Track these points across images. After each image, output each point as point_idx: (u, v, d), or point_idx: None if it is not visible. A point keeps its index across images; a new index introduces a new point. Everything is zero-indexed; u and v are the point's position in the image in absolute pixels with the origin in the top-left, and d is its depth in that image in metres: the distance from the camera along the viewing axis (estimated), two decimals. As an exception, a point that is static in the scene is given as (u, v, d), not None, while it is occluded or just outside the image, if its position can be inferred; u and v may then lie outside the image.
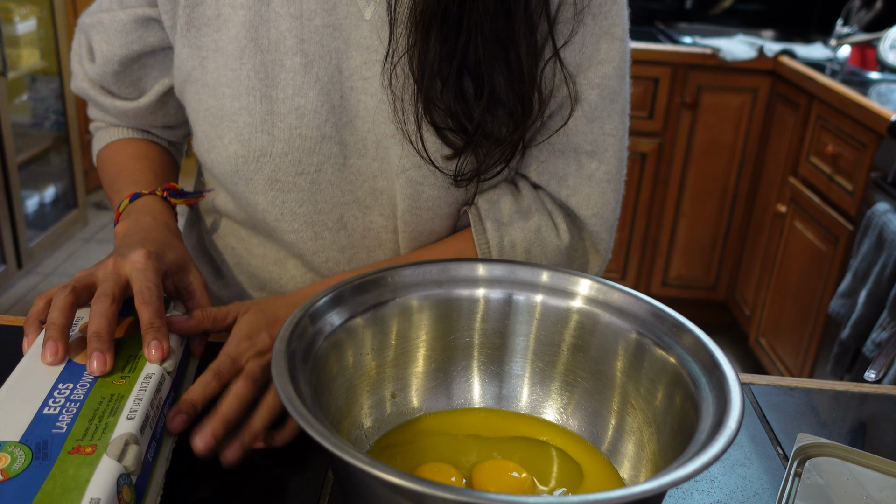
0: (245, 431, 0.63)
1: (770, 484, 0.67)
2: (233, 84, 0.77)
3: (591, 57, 0.77)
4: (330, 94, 0.77)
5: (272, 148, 0.78)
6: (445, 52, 0.72)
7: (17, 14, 2.83)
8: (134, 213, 0.80)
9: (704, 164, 2.67)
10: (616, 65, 0.78)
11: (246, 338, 0.68)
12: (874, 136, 1.96)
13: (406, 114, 0.76)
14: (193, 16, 0.78)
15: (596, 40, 0.77)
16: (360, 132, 0.79)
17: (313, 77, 0.77)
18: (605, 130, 0.80)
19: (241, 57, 0.77)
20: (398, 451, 0.64)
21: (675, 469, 0.48)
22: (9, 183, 2.73)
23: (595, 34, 0.77)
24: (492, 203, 0.82)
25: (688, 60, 2.55)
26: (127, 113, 0.91)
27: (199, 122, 0.82)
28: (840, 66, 2.45)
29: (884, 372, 0.73)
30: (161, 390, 0.60)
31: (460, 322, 0.70)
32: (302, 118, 0.77)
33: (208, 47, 0.78)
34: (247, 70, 0.77)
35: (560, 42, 0.75)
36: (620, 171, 0.83)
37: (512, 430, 0.68)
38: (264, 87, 0.77)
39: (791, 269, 2.37)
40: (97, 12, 0.87)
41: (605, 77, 0.78)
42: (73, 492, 0.48)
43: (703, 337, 0.61)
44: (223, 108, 0.78)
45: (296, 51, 0.76)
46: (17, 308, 2.75)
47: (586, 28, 0.76)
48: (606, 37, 0.77)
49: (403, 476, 0.45)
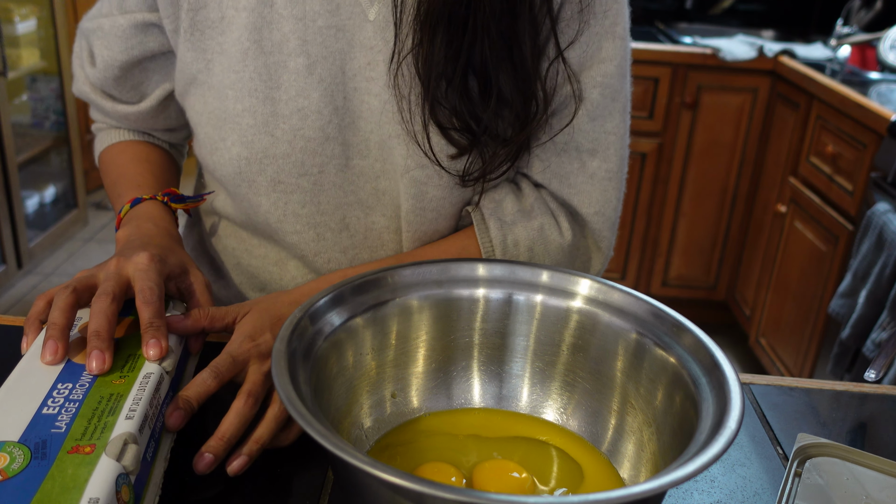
0: (251, 442, 0.63)
1: (770, 484, 0.67)
2: (236, 86, 0.77)
3: (593, 56, 0.78)
4: (333, 95, 0.77)
5: (275, 149, 0.78)
6: (451, 53, 0.72)
7: (17, 14, 2.83)
8: (135, 219, 0.80)
9: (704, 163, 2.67)
10: (617, 63, 0.79)
11: (249, 338, 0.68)
12: (874, 136, 1.96)
13: (412, 114, 0.76)
14: (197, 19, 0.78)
15: (598, 39, 0.77)
16: (363, 133, 0.79)
17: (317, 78, 0.77)
18: (606, 129, 0.81)
19: (245, 59, 0.77)
20: (398, 451, 0.64)
21: (675, 469, 0.48)
22: (9, 183, 2.73)
23: (597, 33, 0.77)
24: (496, 203, 0.82)
25: (688, 60, 2.55)
26: (128, 116, 0.92)
27: (202, 124, 0.82)
28: (840, 66, 2.45)
29: (884, 372, 0.73)
30: (160, 390, 0.60)
31: (460, 322, 0.70)
32: (305, 119, 0.77)
33: (213, 50, 0.78)
34: (250, 72, 0.77)
35: (564, 41, 0.76)
36: (622, 168, 0.83)
37: (512, 430, 0.68)
38: (267, 89, 0.77)
39: (791, 269, 2.37)
40: (97, 17, 0.87)
41: (607, 76, 0.79)
42: (71, 491, 0.48)
43: (703, 337, 0.61)
44: (226, 110, 0.78)
45: (299, 52, 0.76)
46: (17, 308, 2.76)
47: (589, 27, 0.76)
48: (608, 36, 0.78)
49: (403, 476, 0.45)
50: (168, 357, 0.63)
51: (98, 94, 0.91)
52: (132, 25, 0.83)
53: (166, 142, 0.98)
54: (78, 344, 0.62)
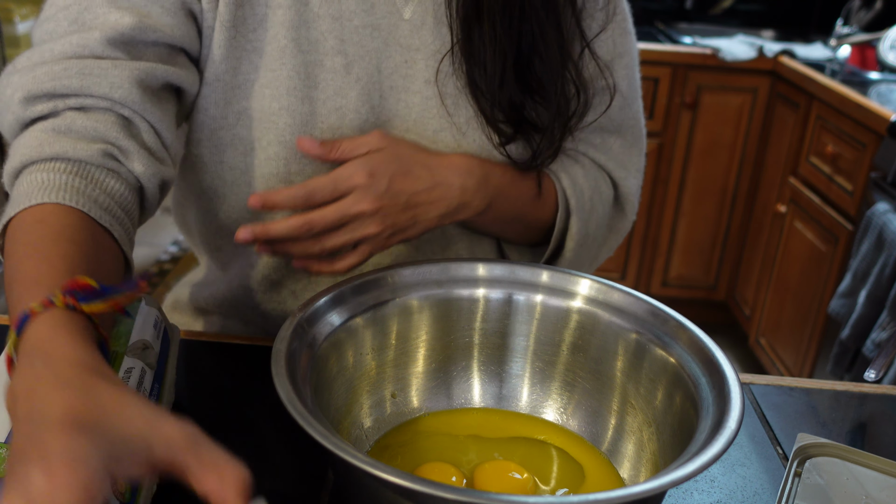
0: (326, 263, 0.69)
1: (770, 484, 0.67)
2: (272, 85, 0.76)
3: (614, 50, 0.85)
4: (370, 93, 0.78)
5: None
6: (497, 47, 0.75)
7: (17, 14, 2.83)
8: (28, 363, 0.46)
9: (704, 163, 2.67)
10: (633, 56, 0.88)
11: (368, 174, 0.70)
12: (874, 136, 1.96)
13: (457, 108, 0.79)
14: (237, 14, 0.75)
15: (620, 34, 0.85)
16: (399, 131, 0.80)
17: (354, 77, 0.77)
18: (632, 114, 0.89)
19: (282, 57, 0.76)
20: (398, 452, 0.64)
21: (675, 469, 0.48)
22: (9, 183, 2.73)
23: (615, 29, 0.84)
24: (557, 160, 0.87)
25: (688, 60, 2.55)
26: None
27: (228, 127, 0.78)
28: (840, 66, 2.45)
29: (884, 372, 0.74)
30: (143, 384, 0.60)
31: (460, 322, 0.70)
32: (343, 118, 0.77)
33: (244, 48, 0.76)
34: (287, 70, 0.76)
35: (590, 35, 0.82)
36: (644, 142, 0.93)
37: (512, 430, 0.68)
38: (305, 88, 0.76)
39: (791, 269, 2.37)
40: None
41: (628, 67, 0.87)
42: None
43: (703, 337, 0.62)
44: (262, 109, 0.77)
45: (337, 51, 0.76)
46: (17, 308, 2.75)
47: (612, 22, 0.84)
48: (620, 31, 0.85)
49: (404, 476, 0.45)
50: (148, 352, 0.63)
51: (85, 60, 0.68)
52: (181, 3, 0.73)
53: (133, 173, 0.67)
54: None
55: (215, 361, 0.80)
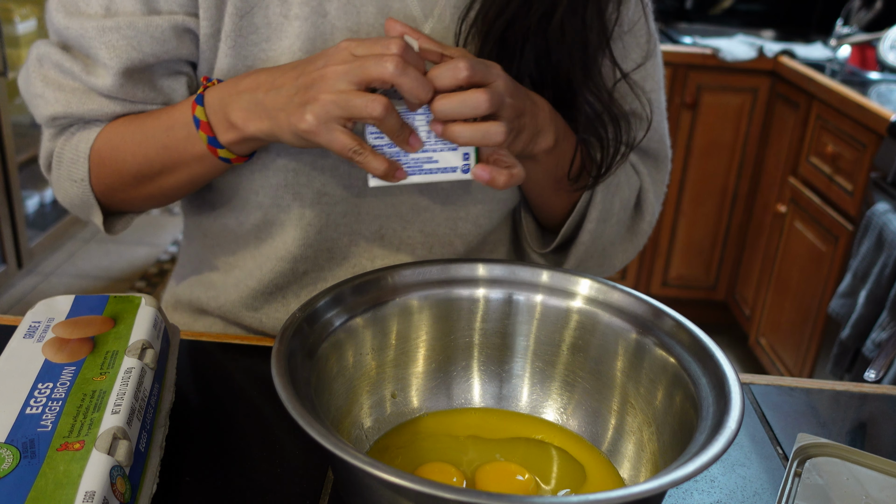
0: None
1: (770, 484, 0.67)
2: None
3: (644, 74, 0.87)
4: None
5: (323, 161, 0.78)
6: (512, 70, 0.74)
7: (17, 14, 2.83)
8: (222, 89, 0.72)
9: (704, 164, 2.67)
10: (659, 79, 0.89)
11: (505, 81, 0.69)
12: (874, 136, 1.96)
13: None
14: (242, 24, 0.75)
15: (652, 66, 0.87)
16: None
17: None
18: (657, 137, 0.91)
19: None
20: (398, 452, 0.64)
21: (675, 469, 0.48)
22: (9, 183, 2.74)
23: (652, 62, 0.87)
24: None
25: (688, 60, 2.55)
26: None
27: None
28: (840, 67, 2.45)
29: (884, 372, 0.73)
30: (143, 383, 0.60)
31: (460, 322, 0.70)
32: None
33: (255, 57, 0.76)
34: None
35: (623, 60, 0.83)
36: (669, 165, 0.96)
37: (512, 430, 0.68)
38: None
39: (791, 269, 2.37)
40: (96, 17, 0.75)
41: (654, 91, 0.88)
42: (66, 487, 0.49)
43: (703, 337, 0.62)
44: None
45: None
46: (18, 308, 2.75)
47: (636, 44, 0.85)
48: (653, 64, 0.87)
49: (404, 476, 0.45)
50: (148, 352, 0.63)
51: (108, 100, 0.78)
52: (172, 27, 0.75)
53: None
54: (54, 344, 0.62)
55: (215, 361, 0.80)
